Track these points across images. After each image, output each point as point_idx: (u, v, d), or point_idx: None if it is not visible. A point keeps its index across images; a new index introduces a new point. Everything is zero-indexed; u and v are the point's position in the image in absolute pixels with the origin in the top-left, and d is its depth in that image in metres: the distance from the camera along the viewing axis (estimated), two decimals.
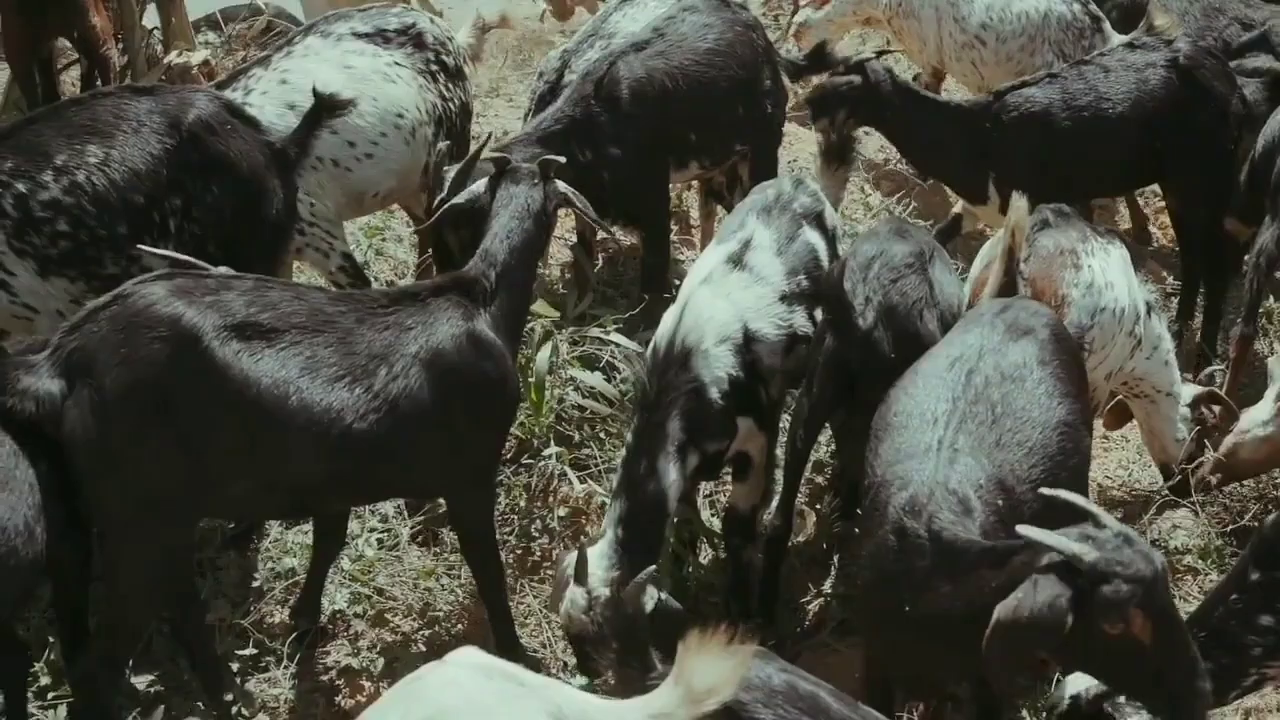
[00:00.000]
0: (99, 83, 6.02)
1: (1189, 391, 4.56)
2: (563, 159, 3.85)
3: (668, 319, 3.79)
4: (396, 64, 4.67)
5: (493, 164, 3.78)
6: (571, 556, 3.50)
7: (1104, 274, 4.09)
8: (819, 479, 4.68)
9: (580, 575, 3.43)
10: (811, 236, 4.05)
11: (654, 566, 3.35)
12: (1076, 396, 3.39)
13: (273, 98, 4.38)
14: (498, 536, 3.92)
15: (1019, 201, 3.79)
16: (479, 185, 3.77)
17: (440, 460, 3.45)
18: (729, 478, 4.12)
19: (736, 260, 3.89)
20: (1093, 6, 6.06)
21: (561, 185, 3.76)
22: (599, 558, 3.51)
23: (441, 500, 4.19)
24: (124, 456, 3.09)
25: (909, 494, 3.00)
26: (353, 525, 4.14)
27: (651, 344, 3.81)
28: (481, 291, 3.51)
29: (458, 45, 4.87)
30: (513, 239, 3.61)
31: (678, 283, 5.28)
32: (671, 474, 3.59)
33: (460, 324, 3.43)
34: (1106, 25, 6.02)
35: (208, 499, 3.27)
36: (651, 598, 3.39)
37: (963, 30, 5.99)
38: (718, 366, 3.69)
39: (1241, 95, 5.18)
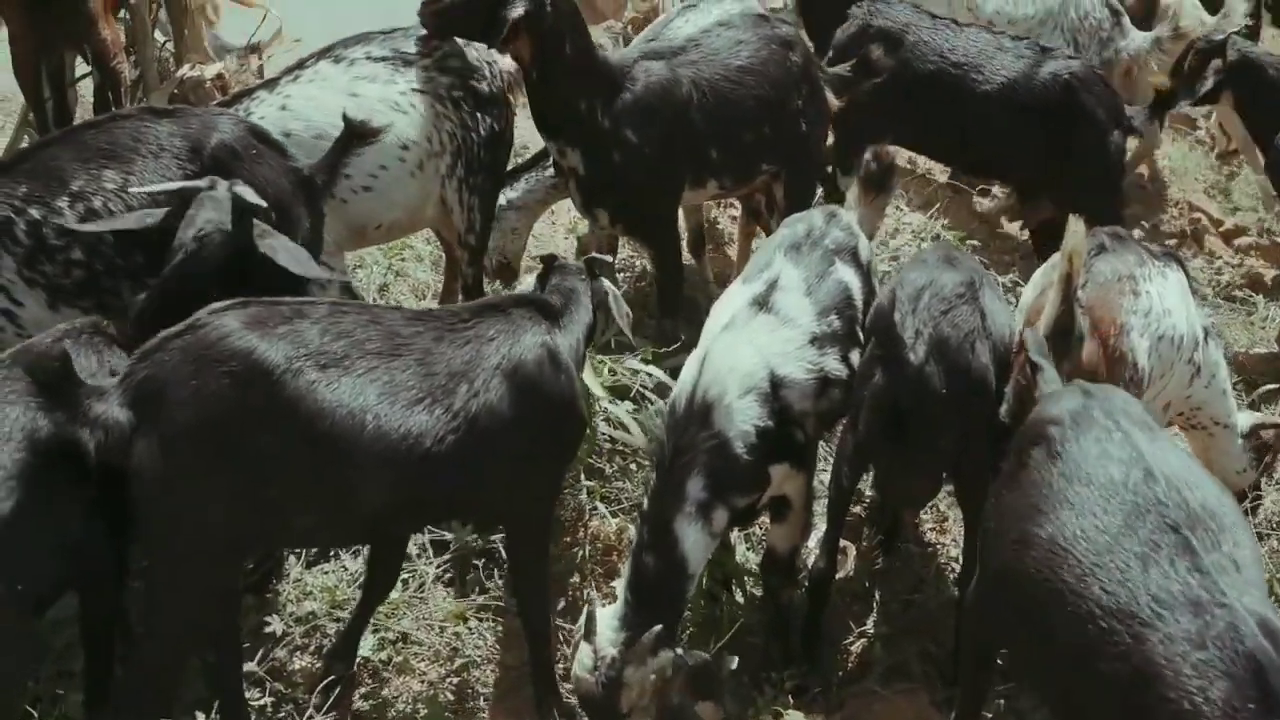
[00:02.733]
0: (110, 96, 5.88)
1: (1245, 419, 4.39)
2: (610, 258, 3.79)
3: (688, 370, 3.60)
4: (413, 90, 4.43)
5: (541, 261, 3.78)
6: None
7: (1162, 300, 3.93)
8: (857, 509, 4.50)
9: (589, 632, 3.30)
10: (844, 274, 3.85)
11: (661, 626, 3.24)
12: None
13: (270, 123, 4.14)
14: None
15: (1076, 226, 3.61)
16: (529, 279, 3.82)
17: (510, 480, 3.36)
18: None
19: (762, 302, 3.69)
20: (1114, 0, 5.97)
21: (606, 284, 3.75)
22: (610, 618, 3.36)
23: (469, 539, 4.06)
24: (189, 490, 3.01)
25: (1225, 686, 2.28)
26: None
27: (670, 398, 3.63)
28: (555, 314, 3.52)
29: (497, 70, 4.65)
30: (573, 294, 3.62)
31: (707, 302, 5.14)
32: (691, 537, 3.40)
33: (543, 335, 3.41)
34: (1126, 20, 5.94)
35: (273, 532, 3.23)
36: (668, 659, 3.27)
37: (975, 18, 5.88)
38: (743, 420, 3.48)
39: (1129, 124, 5.10)
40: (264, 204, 3.47)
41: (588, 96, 4.40)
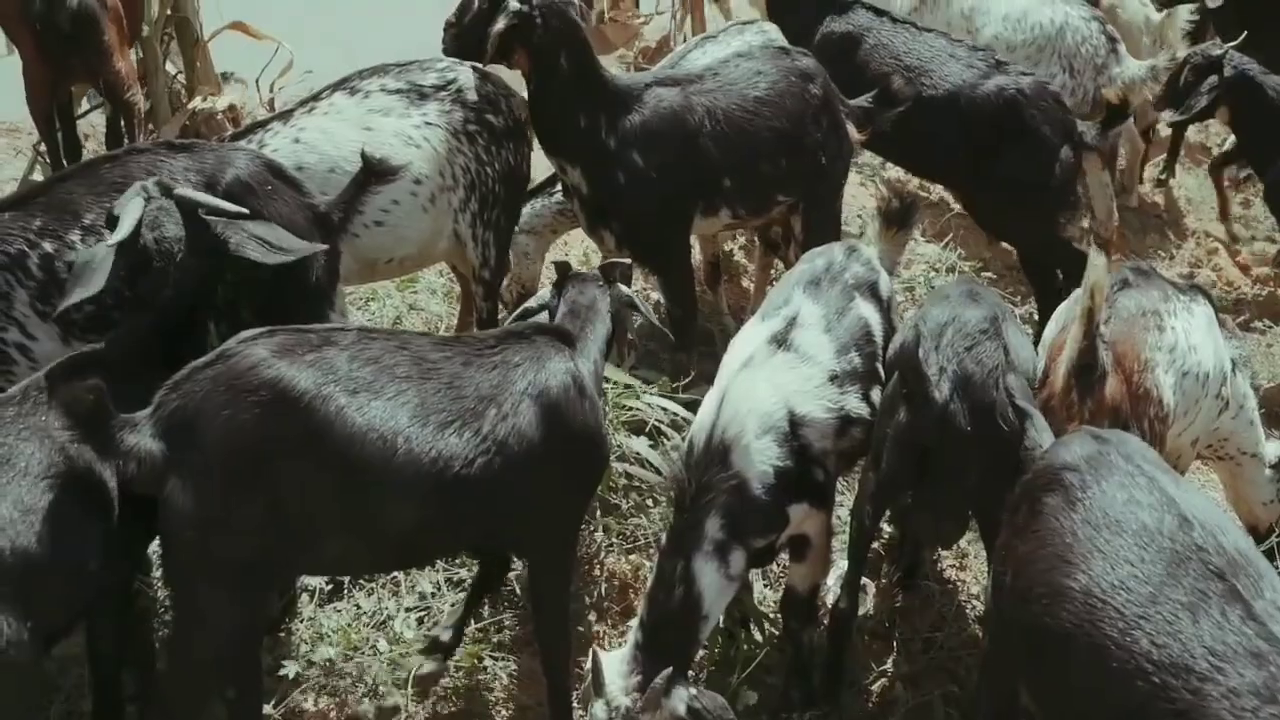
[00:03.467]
0: (123, 128, 5.88)
1: (1274, 449, 4.33)
2: (628, 261, 3.80)
3: (706, 409, 3.54)
4: (427, 123, 4.40)
5: (556, 269, 3.73)
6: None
7: (1187, 336, 3.87)
8: (875, 545, 4.44)
9: (598, 684, 3.23)
10: (864, 309, 3.81)
11: (671, 668, 3.16)
12: None
13: (283, 156, 4.11)
14: None
15: (1097, 259, 3.56)
16: (544, 291, 3.74)
17: (536, 507, 3.33)
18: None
19: (780, 340, 3.64)
20: (1110, 28, 6.00)
21: (625, 289, 3.70)
22: (618, 663, 3.29)
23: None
24: (222, 520, 2.99)
25: None
26: (389, 604, 3.92)
27: (689, 436, 3.57)
28: (575, 341, 3.50)
29: (514, 104, 4.62)
30: (589, 313, 3.57)
31: (722, 334, 5.10)
32: (708, 576, 3.34)
33: (568, 362, 3.39)
34: (1122, 47, 5.96)
35: (304, 561, 3.23)
36: (681, 700, 3.19)
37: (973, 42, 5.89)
38: (761, 460, 3.42)
39: (1080, 140, 5.06)
40: (208, 198, 3.40)
41: (588, 113, 4.39)
